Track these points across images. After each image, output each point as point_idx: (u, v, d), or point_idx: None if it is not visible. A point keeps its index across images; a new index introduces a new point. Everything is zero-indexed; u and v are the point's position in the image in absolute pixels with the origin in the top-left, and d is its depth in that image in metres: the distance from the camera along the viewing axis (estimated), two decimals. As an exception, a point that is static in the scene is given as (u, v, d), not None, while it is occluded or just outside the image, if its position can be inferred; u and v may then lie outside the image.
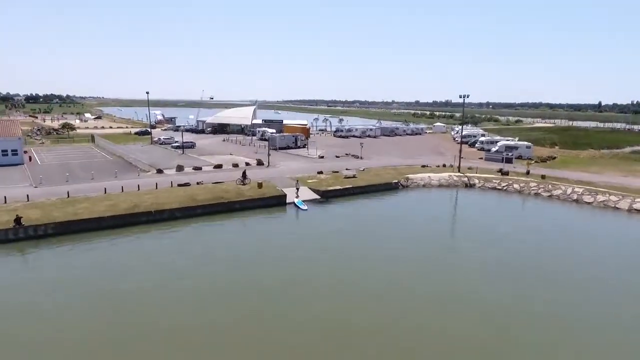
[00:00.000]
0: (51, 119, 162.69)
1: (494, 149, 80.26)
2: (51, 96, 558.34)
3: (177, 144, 78.16)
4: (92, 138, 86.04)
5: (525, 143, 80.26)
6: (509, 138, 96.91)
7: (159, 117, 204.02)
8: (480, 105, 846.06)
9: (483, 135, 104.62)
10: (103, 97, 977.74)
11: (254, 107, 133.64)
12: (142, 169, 55.41)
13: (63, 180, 47.67)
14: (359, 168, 59.20)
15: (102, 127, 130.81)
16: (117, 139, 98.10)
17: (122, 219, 35.52)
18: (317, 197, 46.22)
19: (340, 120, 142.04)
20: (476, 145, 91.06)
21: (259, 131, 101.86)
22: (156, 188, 44.19)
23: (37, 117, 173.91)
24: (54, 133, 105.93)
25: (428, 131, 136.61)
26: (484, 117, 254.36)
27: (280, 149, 79.87)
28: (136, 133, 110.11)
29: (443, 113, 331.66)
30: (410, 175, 55.77)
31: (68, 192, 40.40)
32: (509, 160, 68.84)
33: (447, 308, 24.06)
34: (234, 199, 41.89)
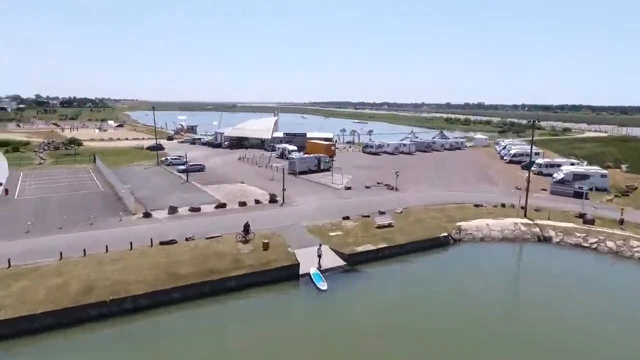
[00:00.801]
0: (70, 128, 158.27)
1: (557, 176, 66.06)
2: (85, 100, 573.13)
3: (183, 168, 68.45)
4: (94, 158, 77.67)
5: (599, 170, 65.57)
6: (574, 160, 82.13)
7: (181, 125, 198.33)
8: (515, 107, 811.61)
9: (537, 153, 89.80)
10: (136, 100, 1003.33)
11: (275, 118, 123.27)
12: (129, 208, 45.38)
13: (23, 230, 38.10)
14: (395, 209, 47.08)
15: (118, 139, 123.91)
16: (125, 155, 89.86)
17: (62, 315, 25.04)
18: (342, 263, 34.51)
19: (370, 132, 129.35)
20: (533, 168, 76.72)
21: (278, 148, 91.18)
22: (130, 248, 33.75)
23: (59, 126, 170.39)
24: (62, 148, 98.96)
25: (468, 144, 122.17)
26: (526, 123, 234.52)
27: (301, 173, 68.63)
28: (148, 148, 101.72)
29: (479, 118, 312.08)
30: (462, 224, 43.11)
31: (9, 261, 30.44)
32: (580, 195, 54.69)
33: None
34: (228, 272, 30.78)
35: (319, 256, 33.14)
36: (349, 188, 58.71)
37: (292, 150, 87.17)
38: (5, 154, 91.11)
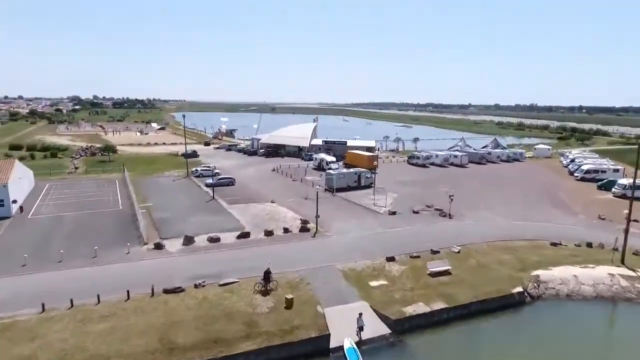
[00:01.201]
0: (113, 131, 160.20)
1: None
2: (135, 101, 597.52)
3: (211, 182, 63.18)
4: (124, 168, 74.41)
5: None
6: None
7: (219, 129, 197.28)
8: (572, 109, 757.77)
9: (617, 170, 76.81)
10: (184, 100, 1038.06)
11: (315, 124, 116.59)
12: (141, 237, 39.92)
13: (20, 263, 33.41)
14: (451, 248, 38.50)
15: (155, 144, 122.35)
16: (156, 164, 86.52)
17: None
18: (386, 331, 26.67)
19: (415, 140, 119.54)
20: (614, 189, 64.75)
21: (315, 158, 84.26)
22: (127, 298, 27.82)
23: (103, 128, 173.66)
24: (99, 154, 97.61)
25: (527, 154, 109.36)
26: (591, 130, 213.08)
27: (339, 190, 61.23)
28: (183, 155, 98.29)
29: (533, 122, 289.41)
30: (541, 274, 33.83)
31: (-20, 315, 25.34)
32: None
33: None
34: (237, 343, 23.90)
35: (360, 328, 25.52)
36: (394, 213, 50.43)
37: (331, 162, 79.97)
38: (43, 159, 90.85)
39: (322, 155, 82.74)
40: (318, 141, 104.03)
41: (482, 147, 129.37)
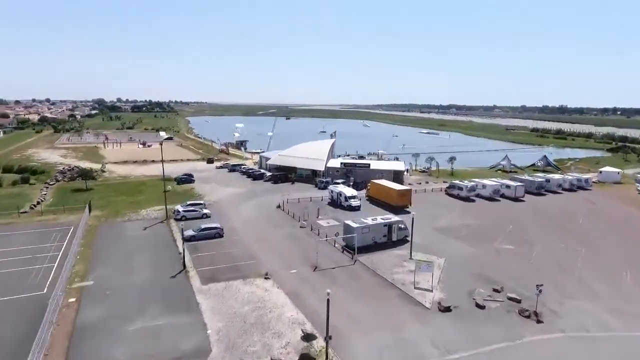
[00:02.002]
0: (113, 144, 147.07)
1: None
2: (154, 105, 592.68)
3: (190, 234, 46.99)
4: (89, 206, 58.98)
5: None
6: None
7: (235, 135, 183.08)
8: (605, 111, 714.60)
9: None
10: (205, 102, 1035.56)
11: (332, 141, 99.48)
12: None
13: None
14: None
15: (153, 162, 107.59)
16: (140, 194, 71.06)
17: None
18: None
19: (452, 160, 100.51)
20: None
21: (332, 190, 67.18)
22: None
23: (107, 139, 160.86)
24: (77, 179, 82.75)
25: (593, 179, 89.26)
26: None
27: (362, 249, 44.07)
28: (176, 180, 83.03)
29: (575, 128, 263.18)
30: None
31: None
32: None
33: None
34: None
35: None
36: (448, 309, 32.69)
37: (350, 197, 62.82)
38: (11, 186, 76.83)
39: (340, 189, 65.46)
40: (335, 162, 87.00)
41: (531, 166, 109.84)
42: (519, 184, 72.48)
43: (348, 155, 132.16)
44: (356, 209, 61.75)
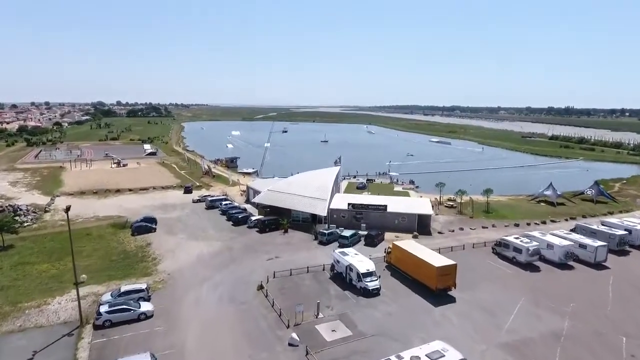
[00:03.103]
0: (83, 162, 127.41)
1: None
2: (150, 109, 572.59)
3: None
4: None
5: None
6: None
7: (229, 146, 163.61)
8: (613, 112, 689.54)
9: None
10: (207, 105, 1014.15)
11: (337, 169, 79.11)
12: None
13: None
14: None
15: (117, 192, 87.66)
16: (79, 255, 49.58)
17: None
18: None
19: (487, 193, 79.71)
20: None
21: (338, 261, 46.99)
22: None
23: (79, 156, 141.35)
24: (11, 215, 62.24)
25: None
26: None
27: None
28: (132, 228, 62.91)
29: (599, 136, 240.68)
30: None
31: None
32: None
33: None
34: None
35: None
36: None
37: (366, 274, 42.82)
38: None
39: (350, 259, 45.37)
40: (341, 201, 67.04)
41: (578, 195, 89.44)
42: (600, 243, 51.94)
43: (355, 177, 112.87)
44: (374, 293, 42.01)
